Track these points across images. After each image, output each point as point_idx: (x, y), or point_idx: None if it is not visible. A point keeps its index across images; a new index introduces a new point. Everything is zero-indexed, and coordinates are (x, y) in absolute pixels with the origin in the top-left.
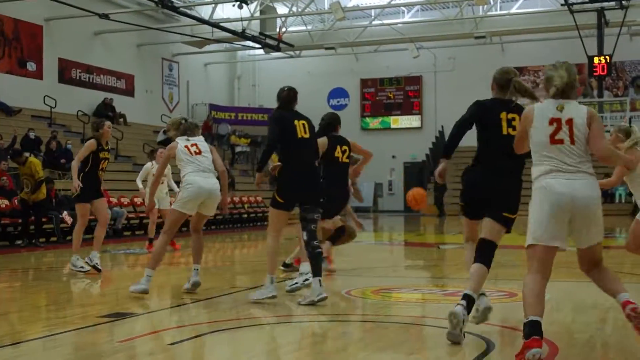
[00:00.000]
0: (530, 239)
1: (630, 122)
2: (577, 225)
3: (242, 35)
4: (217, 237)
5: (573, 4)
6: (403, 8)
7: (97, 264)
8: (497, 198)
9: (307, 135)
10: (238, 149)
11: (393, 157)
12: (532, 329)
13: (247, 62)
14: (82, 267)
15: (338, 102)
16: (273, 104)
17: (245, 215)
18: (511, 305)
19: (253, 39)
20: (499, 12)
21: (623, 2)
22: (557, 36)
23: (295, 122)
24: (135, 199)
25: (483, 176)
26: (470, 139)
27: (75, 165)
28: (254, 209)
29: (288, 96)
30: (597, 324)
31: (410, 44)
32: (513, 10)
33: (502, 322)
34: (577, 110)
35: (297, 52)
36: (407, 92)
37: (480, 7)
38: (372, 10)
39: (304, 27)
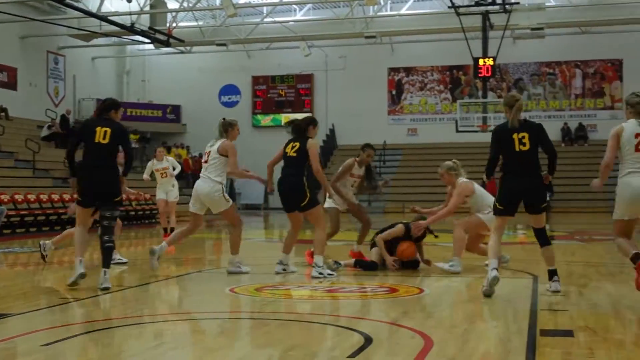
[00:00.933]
0: (616, 215)
1: None
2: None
3: (131, 29)
4: None
5: (459, 6)
6: (295, 6)
7: None
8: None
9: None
10: None
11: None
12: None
13: (136, 57)
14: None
15: (229, 99)
16: (162, 99)
17: (133, 213)
18: (392, 301)
19: (142, 33)
20: (389, 12)
21: (506, 6)
22: (444, 38)
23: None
24: (16, 196)
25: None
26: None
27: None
28: (142, 207)
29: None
30: (472, 317)
31: (301, 42)
32: (403, 11)
33: (381, 318)
34: None
35: (188, 48)
36: (299, 90)
37: (371, 7)
38: (264, 8)
39: (195, 23)
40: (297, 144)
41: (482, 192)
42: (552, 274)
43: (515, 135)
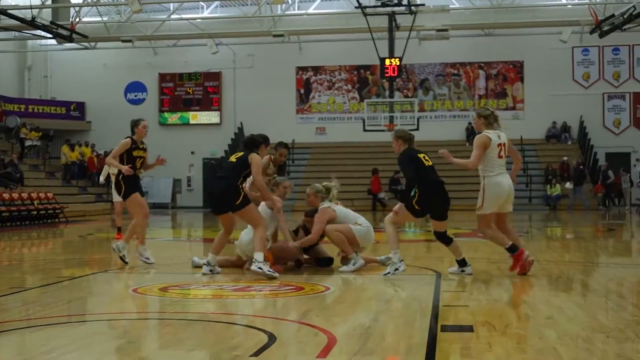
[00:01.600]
0: (486, 210)
1: (418, 122)
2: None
3: (32, 23)
4: (4, 234)
5: (366, 7)
6: (202, 3)
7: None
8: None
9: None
10: (28, 143)
11: (192, 153)
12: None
13: (38, 52)
14: (148, 258)
15: (136, 96)
16: (66, 96)
17: (35, 212)
18: (297, 299)
19: (44, 28)
20: (297, 11)
21: (412, 7)
22: (352, 37)
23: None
24: None
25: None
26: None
27: (110, 160)
28: (44, 206)
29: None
30: (375, 314)
31: (209, 40)
32: (310, 11)
33: (285, 316)
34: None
35: (93, 44)
36: (207, 87)
37: (279, 6)
38: (171, 4)
39: (99, 18)
40: (241, 154)
41: (345, 213)
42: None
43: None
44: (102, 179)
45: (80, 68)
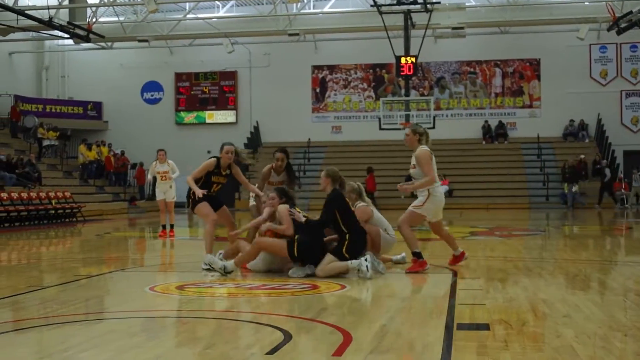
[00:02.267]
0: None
1: (434, 120)
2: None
3: (49, 24)
4: (23, 233)
5: (381, 5)
6: (218, 2)
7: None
8: None
9: None
10: (46, 143)
11: (208, 152)
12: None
13: (55, 52)
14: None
15: (152, 95)
16: (83, 95)
17: (53, 211)
18: (312, 298)
19: (61, 28)
20: (312, 10)
21: (428, 5)
22: (367, 36)
23: None
24: None
25: None
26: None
27: (189, 180)
28: (62, 205)
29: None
30: (391, 313)
31: (225, 39)
32: (326, 9)
33: (301, 314)
34: None
35: (109, 44)
36: (223, 87)
37: (294, 5)
38: (187, 4)
39: (115, 18)
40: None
41: (380, 217)
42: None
43: None
44: (150, 176)
45: (97, 68)
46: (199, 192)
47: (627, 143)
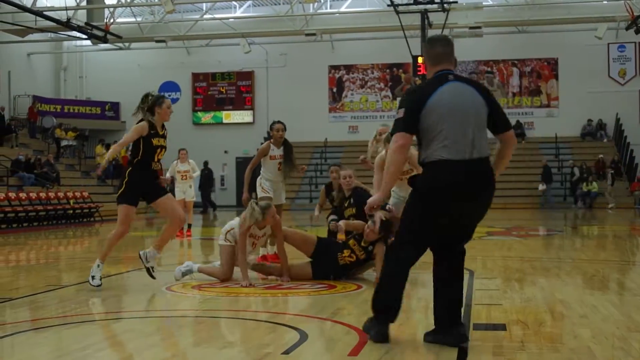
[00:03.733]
0: None
1: None
2: None
3: (67, 25)
4: (41, 233)
5: (398, 5)
6: (235, 3)
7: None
8: None
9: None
10: (64, 143)
11: (225, 152)
12: None
13: (73, 53)
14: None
15: (169, 95)
16: (101, 96)
17: (71, 211)
18: (329, 298)
19: (79, 29)
20: (329, 10)
21: (445, 5)
22: (384, 36)
23: None
24: None
25: None
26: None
27: (114, 146)
28: (79, 205)
29: None
30: (407, 312)
31: (242, 39)
32: (342, 9)
33: (318, 314)
34: None
35: (127, 44)
36: (239, 87)
37: (311, 5)
38: (204, 4)
39: (133, 19)
40: None
41: None
42: None
43: None
44: (168, 175)
45: (115, 68)
46: (109, 154)
47: None
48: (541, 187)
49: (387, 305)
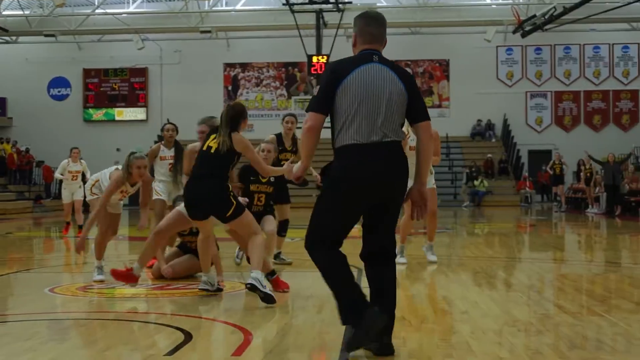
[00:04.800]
0: None
1: None
2: None
3: None
4: None
5: (294, 4)
6: None
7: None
8: None
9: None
10: None
11: (118, 150)
12: None
13: None
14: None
15: (59, 92)
16: None
17: None
18: (216, 298)
19: None
20: (224, 7)
21: (339, 5)
22: (280, 34)
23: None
24: None
25: None
26: None
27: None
28: None
29: None
30: (294, 311)
31: (135, 35)
32: (238, 7)
33: (203, 314)
34: None
35: (14, 38)
36: (133, 83)
37: (206, 1)
38: None
39: (20, 12)
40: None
41: None
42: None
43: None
44: (58, 174)
45: (1, 63)
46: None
47: (531, 142)
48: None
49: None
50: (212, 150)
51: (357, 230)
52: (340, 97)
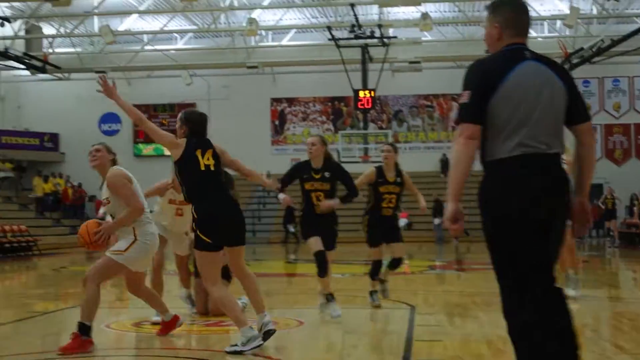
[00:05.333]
0: None
1: None
2: None
3: (5, 54)
4: None
5: (339, 39)
6: (176, 35)
7: None
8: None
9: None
10: (1, 175)
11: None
12: None
13: (11, 83)
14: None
15: (110, 127)
16: (39, 127)
17: (8, 245)
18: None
19: (16, 59)
20: (270, 43)
21: (385, 40)
22: (325, 69)
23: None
24: None
25: None
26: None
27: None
28: (17, 238)
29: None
30: (349, 349)
31: (183, 71)
32: (284, 42)
33: (257, 352)
34: None
35: (66, 75)
36: None
37: (252, 37)
38: (144, 35)
39: (72, 49)
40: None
41: None
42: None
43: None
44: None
45: (54, 99)
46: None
47: None
48: (437, 220)
49: None
50: (212, 168)
51: (406, 266)
52: (496, 102)
